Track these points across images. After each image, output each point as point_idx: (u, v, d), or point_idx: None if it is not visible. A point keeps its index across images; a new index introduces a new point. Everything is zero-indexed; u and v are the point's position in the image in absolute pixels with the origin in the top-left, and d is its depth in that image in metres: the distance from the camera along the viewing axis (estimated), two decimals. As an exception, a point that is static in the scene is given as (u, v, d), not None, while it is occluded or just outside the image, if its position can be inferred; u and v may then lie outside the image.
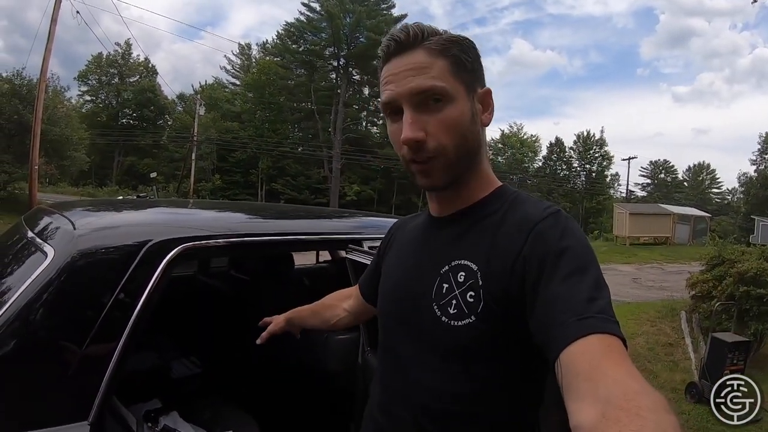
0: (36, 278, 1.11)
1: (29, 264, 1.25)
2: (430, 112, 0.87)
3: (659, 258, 20.51)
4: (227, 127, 43.02)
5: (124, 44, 47.60)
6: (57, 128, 20.93)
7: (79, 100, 47.61)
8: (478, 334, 0.83)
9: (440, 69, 0.87)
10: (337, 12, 40.77)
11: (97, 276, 1.16)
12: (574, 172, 58.12)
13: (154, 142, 45.43)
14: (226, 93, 49.88)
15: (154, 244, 1.22)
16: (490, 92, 0.96)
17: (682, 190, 63.53)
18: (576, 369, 0.66)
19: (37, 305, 1.08)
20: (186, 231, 1.33)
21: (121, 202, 2.33)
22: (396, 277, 1.02)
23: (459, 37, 0.91)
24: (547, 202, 0.92)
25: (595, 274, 0.77)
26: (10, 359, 1.03)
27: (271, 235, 1.66)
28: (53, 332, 1.09)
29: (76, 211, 1.56)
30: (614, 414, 0.57)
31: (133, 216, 1.61)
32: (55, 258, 1.15)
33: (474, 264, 0.86)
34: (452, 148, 0.88)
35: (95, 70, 48.21)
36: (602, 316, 0.71)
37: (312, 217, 2.21)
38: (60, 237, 1.27)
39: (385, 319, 1.03)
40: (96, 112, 46.89)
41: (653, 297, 10.97)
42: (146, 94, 46.79)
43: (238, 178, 43.10)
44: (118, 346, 1.10)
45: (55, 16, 16.87)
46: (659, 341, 7.01)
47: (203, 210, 2.13)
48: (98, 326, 1.09)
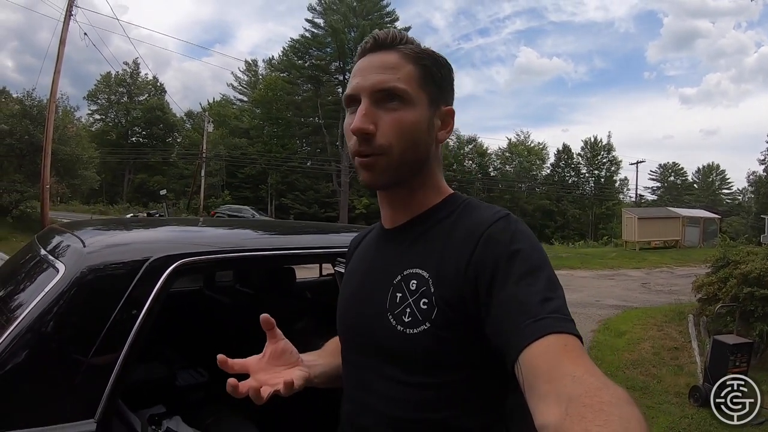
0: (48, 292, 1.22)
1: (42, 279, 1.35)
2: (386, 109, 0.88)
3: (669, 262, 20.39)
4: (236, 143, 43.64)
5: (133, 63, 48.54)
6: (67, 147, 21.22)
7: (88, 119, 48.55)
8: (435, 340, 0.83)
9: (408, 73, 0.89)
10: (340, 27, 41.24)
11: (104, 289, 1.28)
12: (583, 179, 57.99)
13: (164, 160, 46.00)
14: (234, 109, 50.61)
15: (155, 260, 1.34)
16: (453, 113, 0.97)
17: (692, 192, 63.29)
18: (536, 370, 0.67)
19: (49, 316, 1.19)
20: (184, 247, 1.45)
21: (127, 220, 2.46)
22: (351, 291, 1.03)
23: (436, 53, 0.93)
24: (498, 207, 0.92)
25: (547, 275, 0.78)
26: (26, 363, 1.14)
27: (261, 250, 1.77)
28: (64, 340, 1.20)
29: (85, 230, 1.68)
30: (578, 411, 0.58)
31: (137, 234, 1.73)
32: (66, 273, 1.27)
33: (425, 271, 0.87)
34: (398, 150, 0.88)
35: (104, 90, 49.12)
36: (557, 316, 0.72)
37: (303, 233, 2.32)
38: (70, 254, 1.39)
39: (344, 333, 1.03)
40: (106, 130, 47.66)
41: (662, 301, 10.91)
42: (155, 112, 47.53)
43: (248, 193, 43.57)
44: (122, 352, 1.21)
45: (64, 38, 17.34)
46: (665, 345, 6.97)
47: (202, 228, 2.25)
48: (104, 334, 1.20)
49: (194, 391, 2.18)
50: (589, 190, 56.50)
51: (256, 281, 3.32)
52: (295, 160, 43.18)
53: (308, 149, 47.66)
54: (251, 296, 3.27)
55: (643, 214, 27.90)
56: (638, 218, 26.18)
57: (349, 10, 42.40)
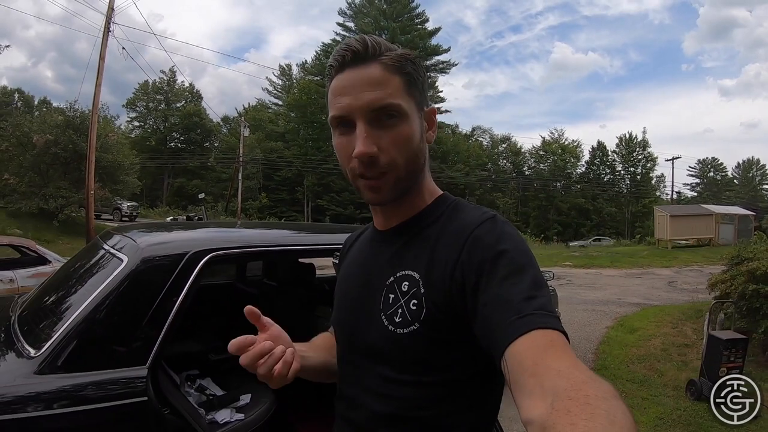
0: (117, 274, 1.73)
1: (111, 266, 1.84)
2: (383, 127, 0.87)
3: (700, 260, 20.14)
4: (272, 146, 44.60)
5: (169, 71, 50.23)
6: (109, 155, 22.32)
7: (128, 126, 50.40)
8: (424, 340, 0.85)
9: (396, 86, 0.88)
10: (371, 30, 41.76)
11: (156, 274, 1.77)
12: (618, 176, 57.17)
13: (202, 164, 47.43)
14: (270, 114, 51.83)
15: (192, 254, 1.83)
16: (434, 111, 0.97)
17: (732, 187, 61.60)
18: (521, 365, 0.67)
19: (117, 292, 1.67)
20: (214, 243, 1.94)
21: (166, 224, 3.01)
22: (346, 291, 1.05)
23: (411, 55, 0.92)
24: (485, 208, 0.93)
25: (532, 274, 0.79)
26: (101, 324, 1.63)
27: (276, 246, 2.26)
28: (127, 309, 1.69)
29: (136, 231, 2.19)
30: (563, 405, 0.58)
31: (177, 234, 2.24)
32: (128, 263, 1.77)
33: (416, 273, 0.88)
34: (403, 165, 0.90)
35: (142, 97, 51.08)
36: (541, 312, 0.73)
37: (313, 231, 2.80)
38: (129, 249, 1.88)
39: (339, 331, 1.05)
40: (145, 137, 49.52)
41: (684, 299, 10.95)
42: (192, 118, 49.09)
43: (284, 195, 44.50)
44: (167, 321, 1.69)
45: (103, 54, 18.30)
46: (675, 342, 7.10)
47: (230, 229, 2.76)
48: (156, 305, 1.68)
49: (223, 363, 2.68)
50: (625, 187, 55.69)
51: (281, 275, 3.84)
52: (331, 162, 43.69)
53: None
54: (276, 288, 3.79)
55: (676, 211, 27.44)
56: (670, 216, 25.84)
57: (379, 13, 43.00)
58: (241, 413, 2.20)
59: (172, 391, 1.87)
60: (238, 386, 2.38)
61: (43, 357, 1.51)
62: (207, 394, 2.25)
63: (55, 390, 1.45)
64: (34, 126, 21.40)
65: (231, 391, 2.33)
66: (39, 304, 2.05)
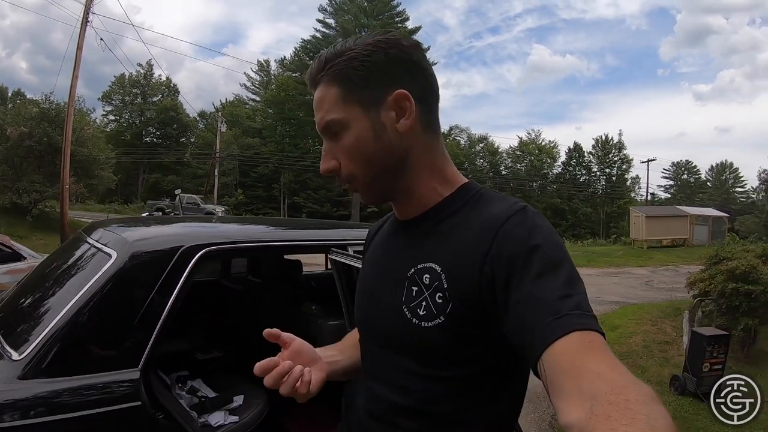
0: (105, 270, 1.61)
1: (98, 262, 1.73)
2: (336, 142, 0.90)
3: (675, 260, 20.53)
4: (249, 143, 44.08)
5: (146, 65, 49.26)
6: (85, 149, 21.73)
7: (103, 119, 49.35)
8: (449, 334, 0.83)
9: (332, 100, 0.88)
10: (351, 27, 41.41)
11: (148, 269, 1.67)
12: (594, 177, 57.93)
13: (178, 159, 46.67)
14: (247, 109, 51.08)
15: (186, 248, 1.73)
16: (403, 95, 0.88)
17: (705, 190, 62.75)
18: (558, 368, 0.66)
19: (106, 290, 1.57)
20: (208, 238, 1.84)
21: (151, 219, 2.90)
22: (368, 283, 1.04)
23: (355, 52, 0.87)
24: (514, 198, 0.89)
25: (567, 270, 0.76)
26: (88, 325, 1.53)
27: (267, 241, 2.16)
28: (116, 308, 1.59)
29: (122, 225, 2.08)
30: (603, 409, 0.57)
31: (168, 228, 2.13)
32: (117, 258, 1.66)
33: (437, 265, 0.85)
34: (360, 172, 0.91)
35: (118, 91, 49.92)
36: (578, 312, 0.70)
37: (303, 228, 2.72)
38: (118, 243, 1.77)
39: (361, 323, 1.04)
40: (120, 131, 48.38)
41: (662, 298, 11.12)
42: (169, 113, 48.21)
43: (261, 192, 44.04)
44: (159, 320, 1.60)
45: (81, 44, 17.79)
46: (656, 339, 7.21)
47: (221, 224, 2.66)
48: (148, 303, 1.59)
49: (210, 362, 2.59)
50: (600, 188, 56.46)
51: (267, 272, 3.74)
52: (308, 159, 43.55)
53: (320, 148, 47.69)
54: (261, 285, 3.69)
55: (651, 212, 27.95)
56: (646, 217, 26.27)
57: (360, 10, 42.71)
58: (234, 415, 2.12)
59: (164, 394, 1.78)
60: (228, 387, 2.30)
61: (27, 360, 1.40)
62: (199, 396, 2.16)
63: (42, 396, 1.35)
64: (8, 118, 20.75)
65: (223, 393, 2.24)
66: (20, 303, 1.93)
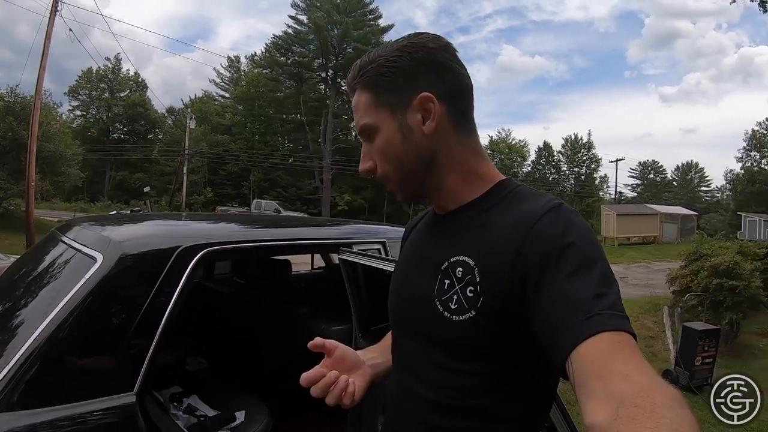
0: (90, 278, 1.38)
1: (80, 266, 1.49)
2: (371, 143, 0.94)
3: (647, 257, 20.86)
4: (218, 140, 43.19)
5: (114, 59, 47.82)
6: (51, 144, 20.87)
7: (69, 115, 47.60)
8: (479, 328, 0.83)
9: (364, 105, 0.93)
10: (324, 24, 41.11)
11: (140, 275, 1.45)
12: (563, 176, 58.65)
13: (145, 157, 45.47)
14: (216, 106, 50.11)
15: (183, 249, 1.51)
16: (427, 98, 0.90)
17: (671, 189, 64.13)
18: (587, 368, 0.66)
19: (91, 300, 1.34)
20: (209, 238, 1.63)
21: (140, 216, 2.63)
22: (402, 276, 1.04)
23: (384, 59, 0.91)
24: (549, 196, 0.90)
25: (601, 269, 0.75)
26: (72, 343, 1.30)
27: (274, 241, 1.95)
28: (105, 322, 1.37)
29: (105, 223, 1.84)
30: (628, 412, 0.57)
31: (161, 226, 1.90)
32: (104, 262, 1.42)
33: (471, 259, 0.86)
34: (392, 172, 0.94)
35: (85, 85, 48.36)
36: (610, 313, 0.70)
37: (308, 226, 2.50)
38: (104, 244, 1.53)
39: (393, 318, 1.04)
40: (87, 127, 46.84)
41: (638, 294, 11.16)
42: (137, 109, 46.84)
43: (230, 190, 43.22)
44: (157, 331, 1.38)
45: (49, 34, 17.02)
46: (640, 335, 7.03)
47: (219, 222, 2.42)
48: (142, 315, 1.37)
49: (202, 373, 2.36)
50: (570, 187, 57.17)
51: (253, 273, 3.50)
52: (278, 157, 43.00)
53: (290, 146, 47.39)
54: (248, 287, 3.45)
55: (622, 210, 28.41)
56: (617, 215, 26.67)
57: (333, 6, 42.25)
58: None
59: (161, 418, 1.55)
60: (227, 401, 2.08)
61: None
62: (197, 415, 1.91)
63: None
64: (-29, 112, 19.71)
65: (223, 410, 2.00)
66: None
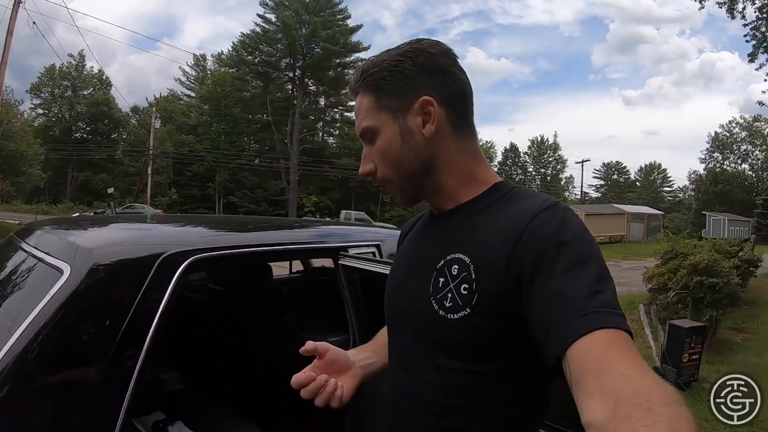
0: (55, 295, 1.14)
1: (41, 280, 1.27)
2: (372, 146, 0.95)
3: (615, 256, 21.07)
4: (183, 140, 42.52)
5: (78, 56, 46.70)
6: (12, 143, 20.16)
7: (31, 113, 46.33)
8: (474, 326, 0.82)
9: (366, 108, 0.93)
10: (292, 23, 40.81)
11: (117, 289, 1.22)
12: (530, 177, 59.64)
13: (109, 157, 44.44)
14: (182, 105, 49.36)
15: (167, 257, 1.29)
16: (427, 101, 0.91)
17: (634, 189, 65.85)
18: (583, 366, 0.66)
19: (59, 320, 1.11)
20: (195, 243, 1.40)
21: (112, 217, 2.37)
22: (397, 276, 1.03)
23: (386, 63, 0.92)
24: (545, 195, 0.89)
25: (596, 267, 0.75)
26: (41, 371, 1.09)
27: (267, 246, 1.74)
28: (78, 346, 1.14)
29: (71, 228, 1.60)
30: (625, 410, 0.57)
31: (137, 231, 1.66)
32: (73, 274, 1.19)
33: (466, 257, 0.85)
34: (392, 174, 0.95)
35: (48, 83, 47.12)
36: (605, 310, 0.70)
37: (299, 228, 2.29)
38: (72, 253, 1.30)
39: (390, 318, 1.03)
40: (49, 126, 45.84)
41: (612, 293, 11.27)
42: (100, 107, 45.85)
43: (195, 191, 42.62)
44: (140, 356, 1.16)
45: (12, 28, 16.32)
46: None
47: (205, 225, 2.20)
48: (120, 337, 1.14)
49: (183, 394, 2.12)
50: (536, 187, 58.07)
51: (231, 279, 3.25)
52: (244, 157, 42.49)
53: (257, 146, 46.88)
54: (226, 294, 3.21)
55: (591, 210, 28.88)
56: (585, 214, 27.00)
57: (302, 6, 42.00)
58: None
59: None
60: (213, 426, 1.85)
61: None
62: (185, 449, 1.67)
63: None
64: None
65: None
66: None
